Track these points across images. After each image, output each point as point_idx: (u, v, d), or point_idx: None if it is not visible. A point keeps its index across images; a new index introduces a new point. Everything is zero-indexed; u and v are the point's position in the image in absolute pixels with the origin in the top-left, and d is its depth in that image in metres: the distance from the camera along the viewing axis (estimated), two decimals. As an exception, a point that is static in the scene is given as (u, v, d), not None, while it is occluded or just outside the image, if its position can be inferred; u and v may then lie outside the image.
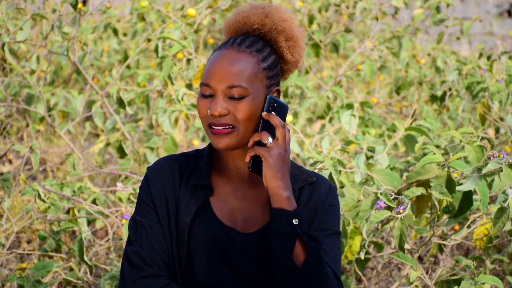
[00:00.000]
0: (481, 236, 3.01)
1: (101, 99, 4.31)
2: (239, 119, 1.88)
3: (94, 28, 5.27)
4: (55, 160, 5.19)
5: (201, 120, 1.92)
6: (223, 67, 1.89)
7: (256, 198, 1.98)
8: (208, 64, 1.92)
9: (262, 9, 1.96)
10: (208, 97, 1.90)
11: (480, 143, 2.66)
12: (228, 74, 1.88)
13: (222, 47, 1.93)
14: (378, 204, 2.54)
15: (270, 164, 1.87)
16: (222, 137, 1.89)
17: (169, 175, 1.98)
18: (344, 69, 4.65)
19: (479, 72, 4.56)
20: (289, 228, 1.86)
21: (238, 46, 1.91)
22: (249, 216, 1.96)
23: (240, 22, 1.96)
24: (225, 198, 1.97)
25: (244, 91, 1.88)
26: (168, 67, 3.63)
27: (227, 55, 1.90)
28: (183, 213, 1.93)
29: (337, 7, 5.82)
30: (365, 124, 4.03)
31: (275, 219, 1.87)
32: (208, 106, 1.89)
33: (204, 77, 1.90)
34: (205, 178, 1.96)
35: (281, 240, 1.87)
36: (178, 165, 1.99)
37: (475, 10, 9.25)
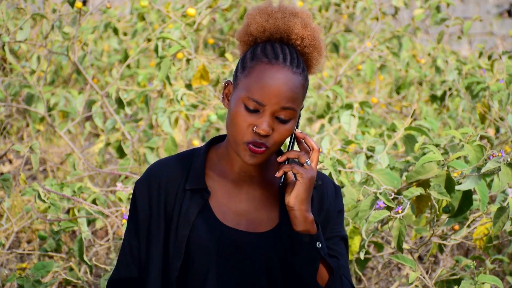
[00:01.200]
0: (481, 236, 3.01)
1: (101, 99, 4.31)
2: (277, 140, 1.84)
3: (94, 28, 5.27)
4: (55, 160, 5.19)
5: (236, 132, 1.84)
6: (280, 88, 1.81)
7: (263, 199, 1.94)
8: (259, 78, 1.82)
9: (300, 19, 1.88)
10: (252, 112, 1.82)
11: (480, 143, 2.66)
12: (285, 96, 1.81)
13: (273, 62, 1.83)
14: (378, 204, 2.54)
15: (306, 187, 1.83)
16: (257, 156, 1.84)
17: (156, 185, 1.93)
18: (344, 68, 4.65)
19: (479, 72, 4.56)
20: (313, 252, 1.85)
21: (291, 66, 1.83)
22: (255, 217, 1.93)
23: (279, 27, 1.88)
24: (228, 200, 1.93)
25: (293, 115, 1.84)
26: (166, 67, 3.62)
27: (284, 76, 1.82)
28: (181, 224, 1.89)
29: (337, 7, 5.82)
30: (365, 124, 4.03)
31: (299, 243, 1.85)
32: (251, 121, 1.82)
33: (256, 92, 1.81)
34: (200, 181, 1.92)
35: (306, 263, 1.86)
36: (169, 170, 1.94)
37: (475, 10, 9.25)
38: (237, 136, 1.84)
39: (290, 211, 1.85)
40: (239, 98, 1.83)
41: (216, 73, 3.92)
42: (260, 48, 1.87)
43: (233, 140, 1.85)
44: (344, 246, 1.97)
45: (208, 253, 1.88)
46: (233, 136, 1.84)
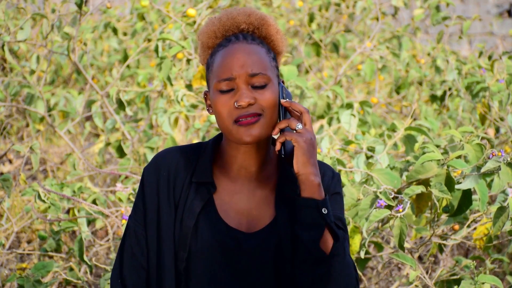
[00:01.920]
0: (481, 236, 3.01)
1: (101, 99, 4.31)
2: (265, 106, 1.84)
3: (94, 27, 5.27)
4: (55, 160, 5.19)
5: (223, 119, 1.85)
6: (241, 58, 1.84)
7: (263, 198, 1.94)
8: (220, 60, 1.86)
9: (242, 10, 1.93)
10: (228, 92, 1.85)
11: (479, 142, 2.66)
12: (248, 63, 1.84)
13: (228, 44, 1.88)
14: (378, 203, 2.54)
15: (304, 150, 1.82)
16: (251, 128, 1.83)
17: (165, 172, 1.92)
18: (344, 69, 4.65)
19: (479, 72, 4.56)
20: (319, 218, 1.84)
21: (244, 40, 1.87)
22: (255, 216, 1.93)
23: (226, 24, 1.91)
24: (230, 198, 1.93)
25: (266, 78, 1.85)
26: (167, 68, 3.62)
27: (240, 48, 1.86)
28: (186, 215, 1.90)
29: (337, 7, 5.82)
30: (364, 122, 4.03)
31: (305, 209, 1.83)
32: (231, 100, 1.84)
33: (222, 72, 1.85)
34: (207, 174, 1.92)
35: (310, 229, 1.84)
36: (177, 159, 1.94)
37: (475, 10, 9.25)
38: (226, 123, 1.85)
39: (298, 178, 1.84)
40: (213, 90, 1.86)
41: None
42: (217, 45, 1.91)
43: (226, 130, 1.86)
44: (341, 225, 1.94)
45: (210, 248, 1.88)
46: (223, 125, 1.86)
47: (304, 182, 1.83)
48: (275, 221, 1.91)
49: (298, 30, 6.32)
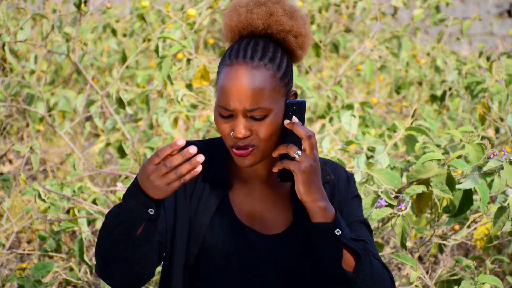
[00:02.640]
0: (481, 236, 3.01)
1: (101, 99, 4.31)
2: (262, 139, 1.78)
3: (94, 28, 5.27)
4: (55, 160, 5.19)
5: (224, 138, 1.82)
6: (240, 89, 1.76)
7: (275, 200, 1.90)
8: (221, 83, 1.79)
9: (264, 6, 1.82)
10: (227, 118, 1.78)
11: (480, 142, 2.66)
12: (247, 96, 1.75)
13: (234, 62, 1.78)
14: (379, 203, 2.54)
15: (303, 179, 1.76)
16: (245, 159, 1.79)
17: None
18: (344, 69, 4.65)
19: (479, 72, 4.56)
20: (334, 241, 1.80)
21: (251, 61, 1.77)
22: (269, 219, 1.89)
23: (244, 24, 1.83)
24: (243, 198, 1.89)
25: (265, 111, 1.76)
26: (167, 67, 3.62)
27: (242, 74, 1.76)
28: (202, 212, 1.85)
29: (337, 7, 5.83)
30: (365, 124, 4.03)
31: (317, 234, 1.80)
32: (230, 126, 1.78)
33: (220, 99, 1.78)
34: (223, 172, 1.88)
35: (328, 253, 1.81)
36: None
37: (475, 10, 9.25)
38: (226, 142, 1.82)
39: (305, 205, 1.80)
40: (215, 107, 1.81)
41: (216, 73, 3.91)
42: (229, 49, 1.83)
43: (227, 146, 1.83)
44: (366, 228, 1.92)
45: (223, 246, 1.85)
46: (225, 143, 1.83)
47: (310, 210, 1.79)
48: (292, 227, 1.88)
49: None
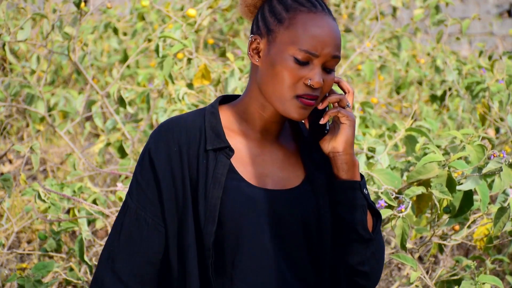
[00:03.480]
0: (482, 236, 3.01)
1: (101, 99, 4.32)
2: (325, 91, 1.77)
3: (94, 28, 5.27)
4: (55, 160, 5.19)
5: (283, 87, 1.74)
6: (330, 36, 1.73)
7: (285, 160, 1.85)
8: (309, 28, 1.73)
9: None
10: (303, 64, 1.73)
11: (481, 143, 2.66)
12: (335, 44, 1.74)
13: (314, 9, 1.75)
14: (379, 203, 2.54)
15: (353, 129, 1.79)
16: (307, 109, 1.76)
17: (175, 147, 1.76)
18: (344, 69, 4.65)
19: (479, 72, 4.56)
20: (362, 199, 1.81)
21: (330, 14, 1.77)
22: (281, 178, 1.83)
23: None
24: (252, 161, 1.82)
25: (338, 62, 1.77)
26: (169, 66, 3.62)
27: (329, 23, 1.74)
28: (212, 186, 1.74)
29: (337, 7, 5.83)
30: (366, 125, 4.03)
31: (348, 191, 1.80)
32: (302, 74, 1.73)
33: (308, 43, 1.72)
34: (222, 138, 1.79)
35: (356, 211, 1.80)
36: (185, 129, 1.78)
37: (475, 10, 9.25)
38: (286, 92, 1.74)
39: (338, 157, 1.79)
40: (284, 52, 1.73)
41: (217, 73, 3.92)
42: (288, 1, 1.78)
43: (279, 97, 1.75)
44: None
45: (241, 215, 1.76)
46: (280, 92, 1.74)
47: (348, 163, 1.80)
48: (307, 181, 1.84)
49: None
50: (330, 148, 1.81)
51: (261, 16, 1.80)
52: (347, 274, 1.85)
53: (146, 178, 1.78)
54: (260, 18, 1.80)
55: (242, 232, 1.76)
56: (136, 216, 1.78)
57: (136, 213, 1.78)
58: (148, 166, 1.78)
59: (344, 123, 1.80)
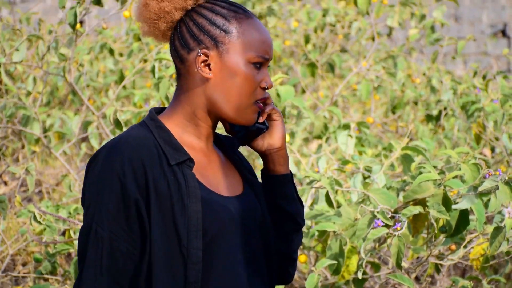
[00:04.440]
0: (478, 256, 3.01)
1: (97, 120, 4.31)
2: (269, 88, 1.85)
3: (90, 48, 5.28)
4: (50, 182, 5.18)
5: (245, 94, 1.77)
6: (270, 39, 1.80)
7: (225, 166, 1.87)
8: (255, 33, 1.78)
9: None
10: (258, 70, 1.78)
11: (476, 162, 2.66)
12: (272, 45, 1.81)
13: (248, 14, 1.79)
14: (376, 223, 2.54)
15: (283, 124, 1.87)
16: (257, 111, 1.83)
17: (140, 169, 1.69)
18: (340, 89, 4.66)
19: (474, 92, 4.57)
20: (294, 190, 1.91)
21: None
22: (229, 184, 1.84)
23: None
24: (205, 170, 1.81)
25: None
26: (165, 87, 3.63)
27: (263, 26, 1.82)
28: (190, 201, 1.70)
29: (333, 27, 5.85)
30: (362, 144, 4.03)
31: (287, 184, 1.89)
32: (259, 79, 1.79)
33: (261, 49, 1.78)
34: (182, 151, 1.75)
35: (293, 201, 1.90)
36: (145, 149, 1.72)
37: (469, 30, 9.30)
38: (247, 99, 1.78)
39: (276, 153, 1.87)
40: (242, 60, 1.77)
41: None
42: (218, 8, 1.79)
43: (239, 105, 1.77)
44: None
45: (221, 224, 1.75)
46: (241, 100, 1.77)
47: (284, 157, 1.88)
48: (247, 185, 1.89)
49: (293, 51, 6.34)
50: (266, 145, 1.88)
51: (196, 31, 1.79)
52: (281, 264, 1.93)
53: (115, 204, 1.69)
54: (194, 32, 1.79)
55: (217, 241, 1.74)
56: (110, 248, 1.68)
57: (111, 244, 1.68)
58: (118, 191, 1.68)
59: (276, 119, 1.87)
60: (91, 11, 3.50)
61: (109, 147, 1.72)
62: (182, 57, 1.80)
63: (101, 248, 1.69)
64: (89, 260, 1.69)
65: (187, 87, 1.80)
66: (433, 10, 5.40)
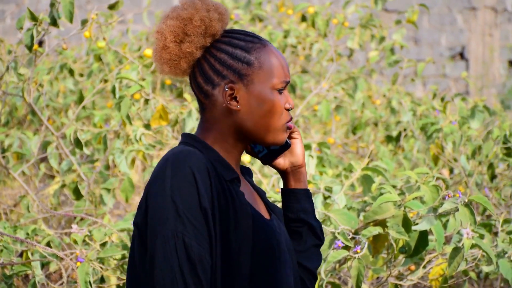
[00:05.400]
0: (437, 276, 3.03)
1: (56, 140, 4.27)
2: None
3: (50, 68, 5.23)
4: (8, 203, 5.11)
5: (276, 119, 1.84)
6: (286, 62, 1.88)
7: (251, 190, 1.93)
8: (273, 60, 1.85)
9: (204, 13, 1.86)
10: (281, 94, 1.86)
11: (435, 183, 2.69)
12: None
13: (263, 42, 1.86)
14: (336, 244, 2.55)
15: (302, 142, 1.95)
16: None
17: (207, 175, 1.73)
18: (301, 109, 4.68)
19: (433, 113, 4.63)
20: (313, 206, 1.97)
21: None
22: (262, 208, 1.92)
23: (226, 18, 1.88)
24: (245, 191, 1.87)
25: None
26: (126, 107, 3.61)
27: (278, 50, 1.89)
28: (242, 216, 1.75)
29: (294, 49, 5.89)
30: (323, 164, 4.05)
31: (309, 198, 1.96)
32: (283, 102, 1.86)
33: (282, 75, 1.85)
34: (232, 169, 1.82)
35: (314, 217, 1.96)
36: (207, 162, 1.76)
37: (428, 52, 9.43)
38: (279, 123, 1.85)
39: (298, 170, 1.95)
40: (267, 88, 1.83)
41: (174, 114, 3.91)
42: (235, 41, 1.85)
43: (274, 129, 1.84)
44: None
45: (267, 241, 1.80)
46: (272, 126, 1.84)
47: (304, 173, 1.95)
48: (268, 209, 1.94)
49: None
50: (288, 163, 1.96)
51: (219, 66, 1.84)
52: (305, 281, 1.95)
53: (196, 215, 1.70)
54: (217, 68, 1.84)
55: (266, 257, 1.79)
56: (199, 257, 1.68)
57: (199, 253, 1.69)
58: (196, 201, 1.70)
59: (296, 137, 1.96)
60: (50, 32, 3.47)
61: (175, 160, 1.73)
62: (207, 92, 1.86)
63: (193, 258, 1.67)
64: (186, 270, 1.67)
65: (214, 120, 1.86)
66: (393, 32, 5.47)
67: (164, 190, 1.70)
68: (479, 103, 4.10)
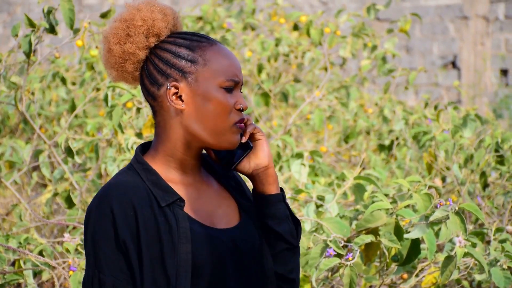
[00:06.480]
0: (429, 284, 3.03)
1: (48, 149, 4.26)
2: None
3: (42, 77, 5.23)
4: (0, 211, 5.09)
5: (223, 118, 1.79)
6: (238, 63, 1.83)
7: (222, 195, 1.89)
8: (223, 59, 1.80)
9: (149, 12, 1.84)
10: (230, 93, 1.80)
11: (427, 192, 2.69)
12: (241, 69, 1.84)
13: (212, 42, 1.82)
14: (328, 252, 2.55)
15: (268, 143, 1.87)
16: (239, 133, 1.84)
17: (131, 211, 1.71)
18: (293, 118, 4.69)
19: (425, 122, 4.64)
20: (286, 209, 1.89)
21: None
22: (222, 216, 1.85)
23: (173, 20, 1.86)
24: (197, 205, 1.82)
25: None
26: (118, 115, 3.61)
27: (230, 51, 1.84)
28: (180, 242, 1.71)
29: (286, 57, 5.90)
30: (315, 173, 4.05)
31: (277, 203, 1.88)
32: (232, 101, 1.80)
33: (228, 73, 1.79)
34: (171, 192, 1.77)
35: (284, 221, 1.88)
36: (135, 193, 1.74)
37: (420, 61, 9.46)
38: (225, 124, 1.79)
39: (264, 172, 1.87)
40: (213, 86, 1.79)
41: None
42: (180, 40, 1.82)
43: (219, 130, 1.79)
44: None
45: (213, 257, 1.76)
46: (220, 125, 1.79)
47: (272, 176, 1.87)
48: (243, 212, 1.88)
49: (247, 80, 6.37)
50: (253, 166, 1.88)
51: (163, 66, 1.81)
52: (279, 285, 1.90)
53: (112, 248, 1.72)
54: (161, 68, 1.81)
55: (215, 275, 1.76)
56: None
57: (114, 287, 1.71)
58: (112, 235, 1.71)
59: (260, 138, 1.87)
60: (44, 40, 3.47)
61: (99, 196, 1.75)
62: (153, 94, 1.82)
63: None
64: None
65: (164, 123, 1.82)
66: (385, 41, 5.49)
67: (87, 226, 1.74)
68: (471, 112, 4.12)
